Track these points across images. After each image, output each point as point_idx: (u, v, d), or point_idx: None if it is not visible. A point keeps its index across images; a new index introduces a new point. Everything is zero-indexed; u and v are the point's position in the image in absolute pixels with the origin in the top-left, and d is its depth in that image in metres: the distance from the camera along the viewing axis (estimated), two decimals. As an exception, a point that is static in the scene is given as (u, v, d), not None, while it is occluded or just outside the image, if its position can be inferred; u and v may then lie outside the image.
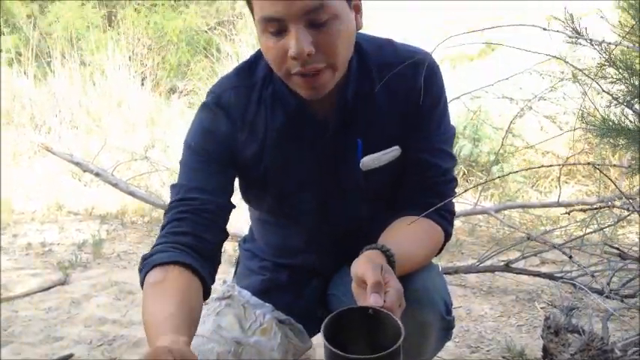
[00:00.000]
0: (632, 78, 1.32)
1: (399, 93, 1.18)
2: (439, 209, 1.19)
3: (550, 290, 2.56)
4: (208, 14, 7.11)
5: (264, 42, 1.06)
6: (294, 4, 1.00)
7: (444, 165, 1.22)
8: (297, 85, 1.08)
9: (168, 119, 5.73)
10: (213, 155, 1.19)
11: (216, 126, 1.20)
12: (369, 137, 1.19)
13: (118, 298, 2.65)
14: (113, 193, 4.04)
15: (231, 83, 1.23)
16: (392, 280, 0.97)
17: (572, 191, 3.79)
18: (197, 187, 1.16)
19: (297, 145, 1.21)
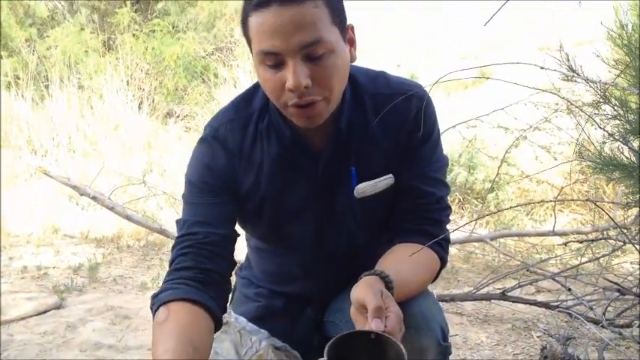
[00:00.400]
0: (628, 115, 1.36)
1: (393, 123, 1.21)
2: (433, 236, 1.22)
3: (546, 319, 2.57)
4: (206, 40, 7.20)
5: (262, 74, 1.09)
6: (292, 40, 1.03)
7: (438, 193, 1.25)
8: (293, 116, 1.11)
9: (165, 143, 5.77)
10: (213, 188, 1.21)
11: (215, 160, 1.22)
12: (362, 165, 1.21)
13: (113, 322, 2.64)
14: (108, 217, 4.04)
15: (228, 116, 1.25)
16: (392, 305, 0.99)
17: (566, 220, 3.82)
18: (199, 221, 1.19)
19: (293, 174, 1.23)
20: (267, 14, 1.03)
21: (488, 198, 3.88)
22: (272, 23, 1.03)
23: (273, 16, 1.02)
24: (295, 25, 1.03)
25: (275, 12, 1.02)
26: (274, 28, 1.03)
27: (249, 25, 1.07)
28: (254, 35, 1.06)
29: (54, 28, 6.92)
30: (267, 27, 1.03)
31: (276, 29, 1.03)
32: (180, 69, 6.83)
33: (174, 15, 7.15)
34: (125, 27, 6.82)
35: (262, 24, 1.04)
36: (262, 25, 1.04)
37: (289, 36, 1.03)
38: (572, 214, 3.91)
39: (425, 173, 1.23)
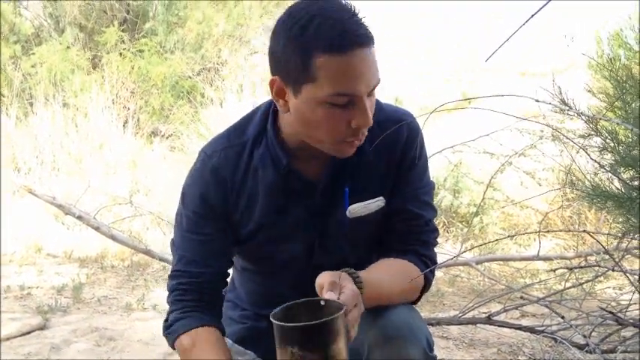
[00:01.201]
0: (618, 147, 1.41)
1: (385, 149, 1.24)
2: (422, 256, 1.28)
3: (531, 344, 2.59)
4: (193, 61, 7.22)
5: (323, 112, 1.10)
6: (369, 82, 1.09)
7: (427, 215, 1.30)
8: (341, 149, 1.16)
9: (150, 163, 5.74)
10: (207, 220, 1.26)
11: (208, 190, 1.25)
12: (355, 187, 1.25)
13: (98, 344, 2.61)
14: (92, 236, 4.01)
15: (221, 144, 1.28)
16: (349, 285, 1.04)
17: (550, 245, 3.87)
18: (195, 260, 1.26)
19: (288, 199, 1.26)
20: (347, 58, 1.06)
21: (474, 222, 3.93)
22: (353, 67, 1.07)
23: (353, 60, 1.06)
24: (371, 67, 1.09)
25: (355, 56, 1.06)
26: (352, 72, 1.07)
27: (318, 65, 1.07)
28: (326, 76, 1.07)
29: (40, 45, 6.89)
30: (350, 71, 1.07)
31: (358, 73, 1.07)
32: (167, 88, 6.83)
33: (161, 35, 7.17)
34: (112, 46, 6.82)
35: (342, 68, 1.06)
36: (342, 69, 1.06)
37: (367, 79, 1.08)
38: (556, 239, 3.96)
39: (415, 196, 1.28)
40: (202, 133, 6.10)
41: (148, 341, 2.65)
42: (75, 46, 6.95)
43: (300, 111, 1.13)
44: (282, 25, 1.12)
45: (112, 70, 6.57)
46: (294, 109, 1.14)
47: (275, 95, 1.16)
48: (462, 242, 3.45)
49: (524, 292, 2.53)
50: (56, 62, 6.40)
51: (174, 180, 5.39)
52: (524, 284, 2.99)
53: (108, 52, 6.82)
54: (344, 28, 1.06)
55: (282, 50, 1.11)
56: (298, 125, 1.17)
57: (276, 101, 1.18)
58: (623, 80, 1.51)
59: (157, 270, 3.77)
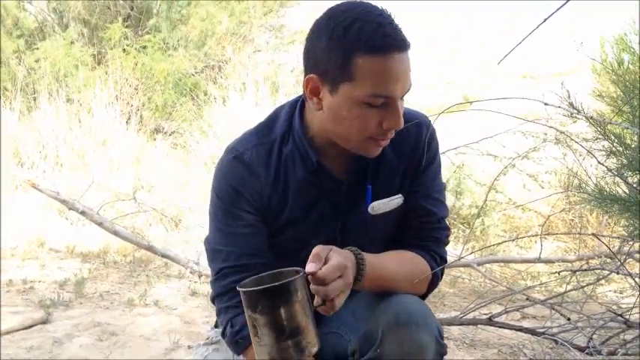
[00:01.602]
0: (626, 151, 1.42)
1: (404, 148, 1.31)
2: (433, 253, 1.32)
3: (532, 345, 2.60)
4: (196, 58, 7.23)
5: (358, 111, 1.15)
6: (402, 85, 1.14)
7: (440, 213, 1.35)
8: (369, 148, 1.21)
9: (153, 159, 5.75)
10: (249, 214, 1.28)
11: (244, 185, 1.28)
12: (377, 185, 1.30)
13: (100, 339, 2.62)
14: (94, 232, 4.03)
15: (251, 142, 1.31)
16: (335, 257, 1.07)
17: (551, 247, 3.88)
18: (246, 254, 1.27)
19: (317, 195, 1.30)
20: (387, 61, 1.12)
21: (475, 224, 3.93)
22: (393, 70, 1.12)
23: (393, 63, 1.12)
24: (407, 72, 1.15)
25: (394, 59, 1.12)
26: (393, 74, 1.12)
27: (358, 65, 1.12)
28: (366, 76, 1.12)
29: (43, 40, 6.90)
30: (389, 73, 1.12)
31: (396, 76, 1.13)
32: (170, 85, 6.84)
33: (165, 32, 7.17)
34: (116, 42, 6.82)
35: (382, 70, 1.12)
36: (382, 71, 1.12)
37: (403, 82, 1.14)
38: (557, 241, 3.97)
39: (429, 194, 1.33)
40: (205, 131, 6.11)
41: (149, 336, 2.66)
42: (79, 41, 6.97)
43: (334, 109, 1.18)
44: (324, 26, 1.16)
45: (115, 66, 6.58)
46: (328, 107, 1.19)
47: (309, 93, 1.20)
48: (463, 244, 3.45)
49: (526, 293, 2.54)
50: (60, 57, 6.42)
51: (177, 177, 5.41)
52: (525, 286, 3.00)
53: (112, 48, 6.83)
54: (385, 32, 1.12)
55: (323, 49, 1.15)
56: (330, 123, 1.21)
57: (310, 99, 1.21)
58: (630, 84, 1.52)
59: (159, 266, 3.78)
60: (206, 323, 2.85)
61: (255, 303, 1.01)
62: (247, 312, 1.03)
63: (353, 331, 1.29)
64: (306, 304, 1.04)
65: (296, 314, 1.01)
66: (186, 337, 2.65)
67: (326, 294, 1.05)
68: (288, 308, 1.01)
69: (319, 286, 1.05)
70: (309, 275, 1.04)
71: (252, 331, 1.04)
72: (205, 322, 2.86)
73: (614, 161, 1.51)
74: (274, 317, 1.01)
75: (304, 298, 1.03)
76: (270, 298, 1.01)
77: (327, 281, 1.04)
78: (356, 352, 1.27)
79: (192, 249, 3.84)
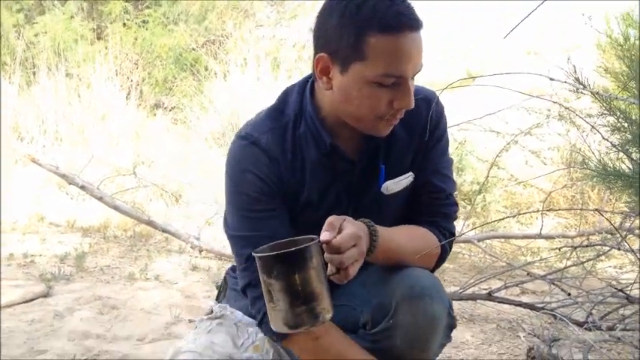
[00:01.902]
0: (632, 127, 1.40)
1: (415, 126, 1.30)
2: (442, 228, 1.34)
3: (530, 320, 2.61)
4: (197, 33, 7.16)
5: (369, 90, 1.14)
6: (416, 65, 1.13)
7: (449, 189, 1.36)
8: (380, 127, 1.20)
9: (153, 134, 5.73)
10: (269, 198, 1.26)
11: (262, 169, 1.26)
12: (389, 164, 1.30)
13: (101, 312, 2.64)
14: (94, 206, 4.03)
15: (265, 126, 1.29)
16: (349, 226, 1.08)
17: (552, 223, 3.88)
18: (269, 237, 1.20)
19: (331, 176, 1.30)
20: (400, 40, 1.10)
21: (476, 200, 3.93)
22: (405, 49, 1.11)
23: (406, 42, 1.11)
24: (419, 51, 1.13)
25: (407, 38, 1.10)
26: (404, 53, 1.11)
27: (370, 44, 1.11)
28: (376, 57, 1.11)
29: (43, 14, 6.83)
30: (400, 52, 1.11)
31: (408, 55, 1.12)
32: (170, 60, 6.79)
33: (166, 6, 7.10)
34: (116, 16, 6.75)
35: (393, 49, 1.10)
36: (392, 50, 1.10)
37: (415, 62, 1.13)
38: (558, 217, 3.97)
39: (438, 170, 1.33)
40: (205, 106, 6.08)
41: (150, 310, 2.68)
42: (78, 15, 6.89)
43: (344, 89, 1.16)
44: (336, 4, 1.14)
45: (115, 40, 6.52)
46: (339, 86, 1.17)
47: (319, 72, 1.19)
48: (464, 220, 3.45)
49: (525, 269, 2.54)
50: (59, 32, 6.36)
51: (177, 152, 5.39)
52: (525, 262, 3.00)
53: (112, 22, 6.76)
54: (399, 10, 1.10)
55: (335, 27, 1.13)
56: (340, 103, 1.19)
57: (319, 78, 1.20)
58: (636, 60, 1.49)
59: (160, 241, 3.79)
60: (207, 297, 2.86)
61: (270, 268, 1.02)
62: (262, 277, 1.04)
63: (364, 303, 1.30)
64: (321, 271, 1.04)
65: (311, 280, 1.02)
66: (186, 312, 2.66)
67: (340, 262, 1.05)
68: (303, 274, 1.02)
69: (334, 255, 1.05)
70: (324, 244, 1.04)
71: (267, 297, 1.05)
72: (206, 297, 2.87)
73: (618, 137, 1.49)
74: (289, 283, 1.02)
75: (319, 265, 1.04)
76: (285, 264, 1.01)
77: (341, 249, 1.04)
78: (368, 324, 1.28)
79: (192, 224, 3.84)
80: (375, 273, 1.30)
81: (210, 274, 3.23)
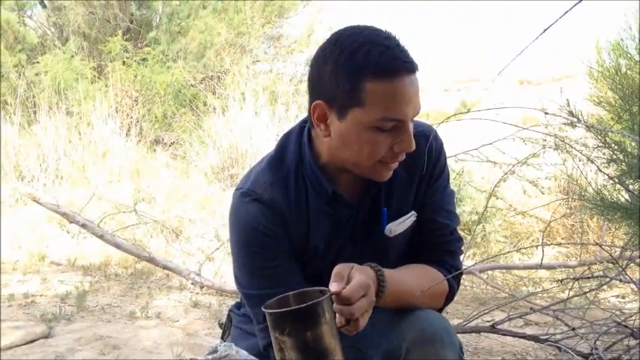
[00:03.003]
0: (627, 158, 1.41)
1: (415, 164, 1.28)
2: (447, 265, 1.31)
3: (535, 352, 2.59)
4: (196, 69, 7.26)
5: (368, 136, 1.13)
6: (412, 107, 1.13)
7: (452, 225, 1.34)
8: (378, 172, 1.19)
9: (153, 170, 5.76)
10: (277, 252, 1.25)
11: (268, 224, 1.24)
12: (391, 205, 1.28)
13: (103, 352, 2.61)
14: (96, 244, 4.03)
15: (267, 180, 1.27)
16: (358, 275, 1.06)
17: (552, 252, 3.88)
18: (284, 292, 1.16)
19: (334, 224, 1.28)
20: (396, 83, 1.10)
21: (476, 230, 3.93)
22: (404, 93, 1.11)
23: (402, 85, 1.10)
24: (417, 94, 1.13)
25: (404, 81, 1.10)
26: (402, 97, 1.11)
27: (367, 90, 1.10)
28: (374, 102, 1.11)
29: (44, 54, 6.93)
30: (399, 96, 1.11)
31: (407, 99, 1.11)
32: (170, 97, 6.87)
33: (164, 44, 7.21)
34: (116, 55, 6.85)
35: (391, 93, 1.10)
36: (391, 94, 1.10)
37: (414, 105, 1.12)
38: (558, 246, 3.96)
39: (440, 206, 1.32)
40: (204, 141, 6.12)
41: (151, 349, 2.65)
42: (78, 54, 7.00)
43: (342, 135, 1.16)
44: (330, 51, 1.14)
45: (115, 78, 6.60)
46: (337, 133, 1.17)
47: (316, 120, 1.18)
48: (464, 251, 3.45)
49: (528, 300, 2.53)
50: (60, 71, 6.44)
51: (177, 187, 5.42)
52: (527, 293, 2.99)
53: (111, 60, 6.86)
54: (393, 55, 1.10)
55: (330, 75, 1.13)
56: (339, 149, 1.19)
57: (317, 125, 1.19)
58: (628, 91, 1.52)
59: (161, 278, 3.78)
60: (208, 335, 2.84)
61: (282, 325, 1.00)
62: (274, 334, 1.01)
63: (374, 347, 1.27)
64: (334, 325, 1.02)
65: (324, 336, 1.00)
66: (188, 350, 2.64)
67: (351, 313, 1.03)
68: (316, 330, 0.99)
69: (344, 306, 1.02)
70: (333, 295, 1.03)
71: (279, 355, 1.02)
72: (208, 334, 2.85)
73: (614, 168, 1.50)
74: (302, 340, 0.99)
75: (331, 319, 1.01)
76: (297, 321, 0.99)
77: (351, 300, 1.02)
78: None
79: (193, 260, 3.84)
80: (384, 315, 1.26)
81: (212, 311, 3.22)
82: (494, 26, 13.65)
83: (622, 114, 1.52)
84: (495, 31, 12.93)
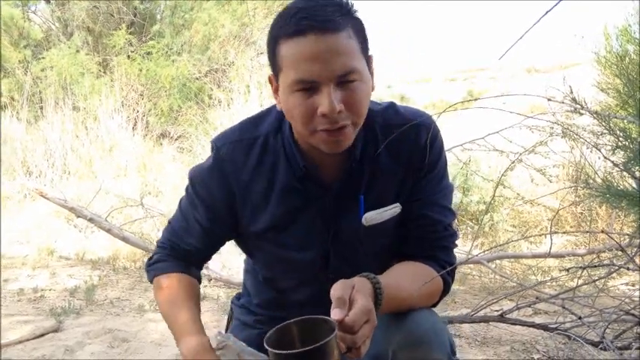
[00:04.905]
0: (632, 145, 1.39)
1: (402, 153, 1.23)
2: (440, 261, 1.25)
3: (544, 341, 2.58)
4: (200, 62, 7.25)
5: (293, 100, 1.09)
6: (329, 67, 1.06)
7: (446, 220, 1.27)
8: (322, 141, 1.12)
9: (159, 164, 5.77)
10: (204, 207, 1.28)
11: (211, 180, 1.26)
12: (371, 194, 1.23)
13: (112, 345, 2.63)
14: (104, 238, 4.04)
15: (232, 137, 1.26)
16: (360, 299, 1.01)
17: (561, 241, 3.85)
18: (178, 235, 1.32)
19: (302, 202, 1.24)
20: (305, 43, 1.05)
21: (484, 220, 3.91)
22: (309, 51, 1.05)
23: (311, 44, 1.05)
24: (333, 53, 1.05)
25: (313, 40, 1.05)
26: (311, 56, 1.05)
27: (280, 53, 1.08)
28: (287, 64, 1.08)
29: (49, 49, 6.94)
30: (304, 55, 1.05)
31: (313, 57, 1.05)
32: (175, 90, 6.87)
33: (169, 37, 7.20)
34: (120, 49, 6.85)
35: (299, 52, 1.06)
36: (299, 54, 1.06)
37: (327, 64, 1.05)
38: (567, 235, 3.94)
39: (433, 201, 1.25)
40: (210, 134, 6.12)
41: (160, 342, 2.66)
42: (83, 49, 7.00)
43: (282, 104, 1.14)
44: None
45: (120, 72, 6.61)
46: (281, 102, 1.15)
47: (273, 92, 1.17)
48: (472, 240, 3.43)
49: (537, 289, 2.51)
50: (66, 66, 6.45)
51: (184, 181, 5.42)
52: (536, 282, 2.98)
53: (116, 54, 6.86)
54: (305, 14, 1.05)
55: (266, 45, 1.13)
56: (288, 119, 1.17)
57: (275, 99, 1.18)
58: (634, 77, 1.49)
59: (169, 271, 3.78)
60: (217, 327, 2.85)
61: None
62: None
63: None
64: (339, 356, 0.96)
65: None
66: (196, 342, 2.64)
67: (353, 342, 0.98)
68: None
69: (346, 334, 0.98)
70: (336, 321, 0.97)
71: None
72: (216, 326, 2.86)
73: (620, 156, 1.48)
74: None
75: (338, 353, 0.96)
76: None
77: (354, 329, 0.97)
78: None
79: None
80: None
81: (220, 303, 3.22)
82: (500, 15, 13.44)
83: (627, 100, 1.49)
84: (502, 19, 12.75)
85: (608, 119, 1.41)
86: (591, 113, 1.37)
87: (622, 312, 2.08)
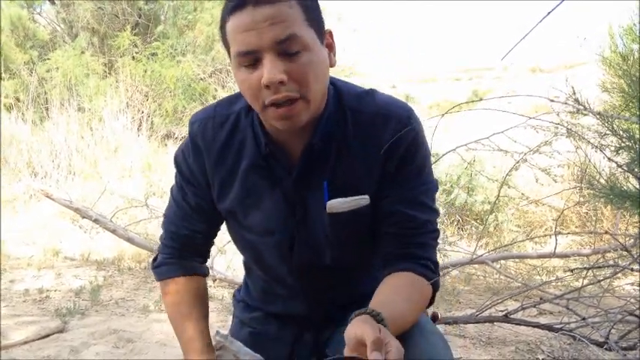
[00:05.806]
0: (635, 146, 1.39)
1: (372, 143, 1.17)
2: (421, 259, 1.19)
3: (549, 341, 2.58)
4: (204, 63, 7.27)
5: (240, 76, 1.08)
6: (265, 35, 1.03)
7: (423, 217, 1.20)
8: (272, 117, 1.10)
9: (164, 165, 5.78)
10: (189, 185, 1.28)
11: (187, 156, 1.26)
12: (336, 181, 1.19)
13: (116, 346, 2.64)
14: (109, 239, 4.05)
15: (205, 113, 1.26)
16: (392, 340, 0.96)
17: (566, 241, 3.84)
18: (175, 223, 1.32)
19: (266, 182, 1.22)
20: (242, 15, 1.05)
21: (488, 220, 3.91)
22: (247, 22, 1.04)
23: (248, 15, 1.04)
24: (269, 21, 1.04)
25: (249, 11, 1.04)
26: (249, 26, 1.04)
27: (227, 31, 1.08)
28: (231, 39, 1.07)
29: (54, 50, 6.97)
30: (243, 26, 1.05)
31: (250, 27, 1.04)
32: (179, 91, 6.88)
33: (173, 38, 7.21)
34: (125, 50, 6.87)
35: (238, 25, 1.05)
36: (238, 27, 1.05)
37: (263, 32, 1.03)
38: (572, 234, 3.93)
39: (408, 197, 1.19)
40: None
41: (165, 342, 2.67)
42: (88, 50, 7.03)
43: (236, 82, 1.12)
44: None
45: (125, 73, 6.63)
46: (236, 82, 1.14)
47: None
48: (476, 240, 3.43)
49: (542, 289, 2.51)
50: (71, 67, 6.47)
51: (189, 182, 5.43)
52: (540, 282, 2.97)
53: (121, 55, 6.88)
54: None
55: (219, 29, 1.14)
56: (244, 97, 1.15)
57: None
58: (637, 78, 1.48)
59: (173, 272, 3.79)
60: (222, 328, 2.85)
61: None
62: None
63: None
64: None
65: None
66: (201, 342, 2.65)
67: None
68: None
69: None
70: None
71: None
72: (221, 327, 2.86)
73: (624, 156, 1.47)
74: None
75: None
76: None
77: None
78: None
79: (205, 253, 3.84)
80: None
81: (224, 304, 3.23)
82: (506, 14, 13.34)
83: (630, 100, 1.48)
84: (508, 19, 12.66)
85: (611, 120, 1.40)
86: (594, 114, 1.37)
87: (627, 312, 2.08)
